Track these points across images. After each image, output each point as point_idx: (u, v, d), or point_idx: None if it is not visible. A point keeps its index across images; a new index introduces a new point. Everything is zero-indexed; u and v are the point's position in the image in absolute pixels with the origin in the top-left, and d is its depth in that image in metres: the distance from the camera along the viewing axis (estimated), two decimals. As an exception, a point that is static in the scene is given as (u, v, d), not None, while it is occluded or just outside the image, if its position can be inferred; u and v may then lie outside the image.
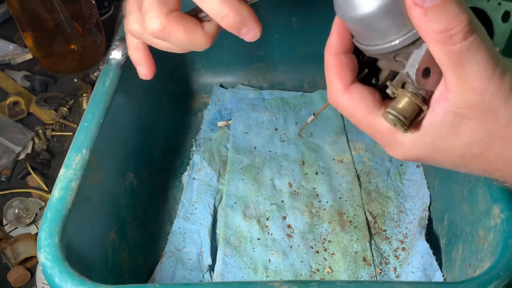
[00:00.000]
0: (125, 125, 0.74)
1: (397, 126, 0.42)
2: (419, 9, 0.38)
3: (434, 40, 0.38)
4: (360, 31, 0.44)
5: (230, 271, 0.71)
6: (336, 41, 0.47)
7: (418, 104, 0.42)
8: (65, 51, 1.11)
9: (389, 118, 0.42)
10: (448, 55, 0.38)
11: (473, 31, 0.38)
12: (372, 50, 0.44)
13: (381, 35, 0.43)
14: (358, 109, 0.45)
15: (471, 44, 0.38)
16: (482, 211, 0.59)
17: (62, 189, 0.56)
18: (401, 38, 0.42)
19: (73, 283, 0.48)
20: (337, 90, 0.46)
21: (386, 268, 0.72)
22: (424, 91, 0.42)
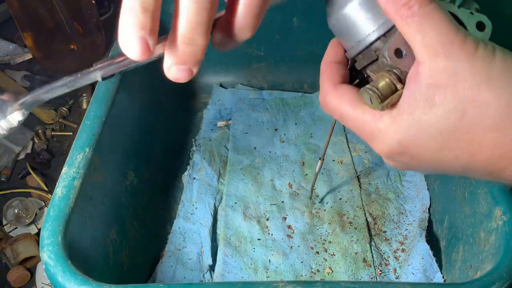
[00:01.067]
0: (126, 125, 0.74)
1: (373, 101, 0.44)
2: None
3: (399, 16, 0.42)
4: (343, 34, 0.48)
5: (230, 271, 0.71)
6: (330, 52, 0.50)
7: (393, 81, 0.44)
8: (65, 51, 1.11)
9: (364, 94, 0.44)
10: (411, 26, 0.42)
11: (431, 2, 0.41)
12: (356, 49, 0.48)
13: (358, 33, 0.47)
14: (343, 104, 0.47)
15: (429, 12, 0.41)
16: (484, 213, 0.59)
17: (65, 187, 0.56)
18: (376, 29, 0.46)
19: (76, 282, 0.48)
20: (325, 90, 0.48)
21: (386, 269, 0.73)
22: (399, 71, 0.44)
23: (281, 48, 1.01)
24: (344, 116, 0.47)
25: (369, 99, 0.44)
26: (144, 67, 0.84)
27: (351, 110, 0.46)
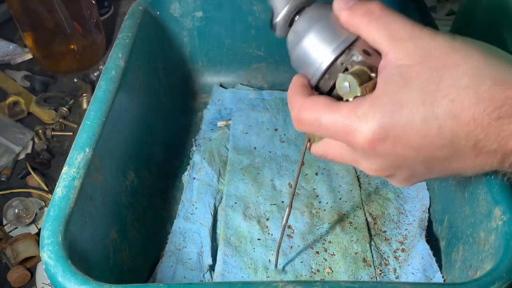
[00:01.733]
0: (126, 125, 0.75)
1: (352, 85, 0.46)
2: (345, 10, 0.49)
3: (362, 23, 0.47)
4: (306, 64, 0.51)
5: (230, 271, 0.71)
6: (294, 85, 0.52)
7: (365, 69, 0.47)
8: (65, 51, 1.11)
9: (341, 80, 0.47)
10: (373, 25, 0.47)
11: (386, 7, 0.48)
12: (321, 68, 0.50)
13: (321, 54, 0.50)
14: (318, 110, 0.48)
15: (388, 11, 0.47)
16: (483, 213, 0.59)
17: (65, 187, 0.56)
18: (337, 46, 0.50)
19: (76, 282, 0.48)
20: (298, 106, 0.50)
21: (386, 269, 0.73)
22: (368, 64, 0.47)
23: (281, 48, 1.00)
24: (321, 121, 0.48)
25: (347, 85, 0.46)
26: (144, 67, 0.84)
27: (327, 113, 0.48)
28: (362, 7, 0.48)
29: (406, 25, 0.46)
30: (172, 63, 0.99)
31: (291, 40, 0.53)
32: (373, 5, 0.48)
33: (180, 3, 0.96)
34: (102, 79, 0.72)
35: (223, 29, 1.00)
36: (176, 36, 0.99)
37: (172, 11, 0.96)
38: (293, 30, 0.53)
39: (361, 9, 0.48)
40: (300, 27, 0.52)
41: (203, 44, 1.02)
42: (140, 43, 0.83)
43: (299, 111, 0.50)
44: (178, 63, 1.02)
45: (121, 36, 0.81)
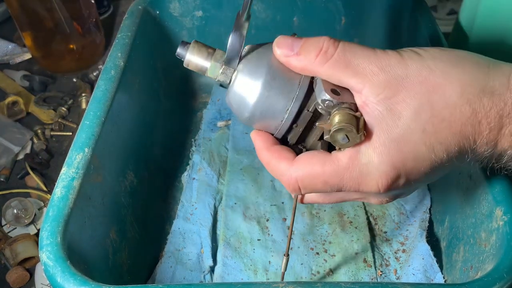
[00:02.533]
0: (125, 125, 0.74)
1: (350, 136, 0.43)
2: (294, 57, 0.46)
3: (318, 64, 0.45)
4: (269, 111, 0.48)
5: (230, 273, 0.71)
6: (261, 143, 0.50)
7: (350, 113, 0.44)
8: (64, 50, 1.11)
9: (338, 137, 0.44)
10: (335, 66, 0.44)
11: (338, 40, 0.45)
12: (289, 119, 0.48)
13: (283, 100, 0.47)
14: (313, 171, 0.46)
15: (344, 47, 0.44)
16: (484, 213, 0.59)
17: (64, 187, 0.56)
18: (298, 88, 0.47)
19: (75, 283, 0.47)
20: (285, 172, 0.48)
21: (386, 270, 0.72)
22: (346, 104, 0.45)
23: (281, 48, 1.01)
24: (326, 182, 0.46)
25: (344, 137, 0.43)
26: (144, 66, 0.84)
27: (328, 172, 0.45)
28: (311, 49, 0.45)
29: (370, 56, 0.44)
30: (171, 63, 0.99)
31: (238, 97, 0.49)
32: (323, 43, 0.45)
33: (180, 3, 0.95)
34: (101, 78, 0.72)
35: (223, 28, 0.99)
36: (176, 36, 0.99)
37: (172, 11, 0.96)
38: (237, 86, 0.49)
39: (312, 52, 0.45)
40: (245, 82, 0.48)
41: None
42: (140, 42, 0.83)
43: (292, 179, 0.47)
44: (178, 63, 1.01)
45: (121, 35, 0.81)
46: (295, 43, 0.46)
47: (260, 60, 0.48)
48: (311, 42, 0.45)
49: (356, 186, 0.46)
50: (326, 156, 0.46)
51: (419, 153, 0.43)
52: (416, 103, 0.42)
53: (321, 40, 0.45)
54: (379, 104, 0.43)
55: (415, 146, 0.43)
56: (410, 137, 0.43)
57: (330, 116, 0.45)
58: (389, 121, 0.43)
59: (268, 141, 0.50)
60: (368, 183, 0.45)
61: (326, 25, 1.00)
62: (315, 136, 0.49)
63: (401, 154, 0.43)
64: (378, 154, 0.43)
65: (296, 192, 0.48)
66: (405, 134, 0.43)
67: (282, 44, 0.47)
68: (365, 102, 0.44)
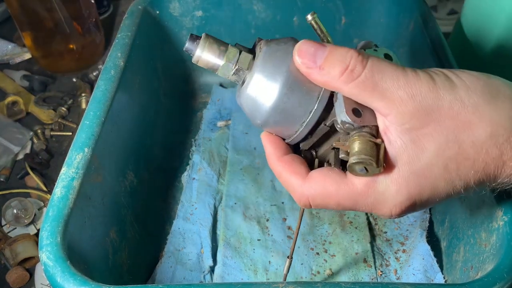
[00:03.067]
0: (125, 125, 0.74)
1: (369, 169, 0.41)
2: (316, 70, 0.42)
3: (343, 83, 0.41)
4: (284, 120, 0.46)
5: (230, 273, 0.71)
6: (272, 150, 0.48)
7: (371, 140, 0.42)
8: (64, 50, 1.11)
9: (356, 168, 0.42)
10: (362, 87, 0.41)
11: (367, 57, 0.41)
12: (304, 131, 0.46)
13: (300, 112, 0.45)
14: (326, 191, 0.45)
15: (372, 67, 0.41)
16: (484, 214, 0.59)
17: (64, 187, 0.56)
18: (317, 102, 0.45)
19: (75, 283, 0.47)
20: (297, 187, 0.46)
21: (386, 270, 0.72)
22: (367, 128, 0.43)
23: (281, 48, 1.01)
24: (338, 203, 0.45)
25: (363, 169, 0.42)
26: (144, 66, 0.84)
27: (341, 195, 0.44)
28: (336, 64, 0.41)
29: (399, 79, 0.40)
30: (171, 62, 0.99)
31: (251, 101, 0.46)
32: (350, 59, 0.41)
33: (180, 2, 0.95)
34: (101, 78, 0.71)
35: (222, 28, 0.99)
36: (176, 36, 0.99)
37: (172, 11, 0.96)
38: (251, 90, 0.46)
39: (337, 68, 0.41)
40: (260, 87, 0.45)
41: (203, 44, 1.01)
42: (140, 42, 0.83)
43: (304, 196, 0.46)
44: (178, 63, 1.02)
45: (120, 35, 0.81)
46: (319, 53, 0.42)
47: (278, 66, 0.45)
48: (337, 56, 0.41)
49: (368, 209, 0.45)
50: (341, 178, 0.44)
51: (437, 187, 0.42)
52: (442, 139, 0.41)
53: (348, 56, 0.41)
54: (403, 134, 0.41)
55: (435, 180, 0.42)
56: (431, 173, 0.41)
57: (349, 139, 0.43)
58: (412, 153, 0.41)
59: (279, 149, 0.48)
60: (382, 209, 0.44)
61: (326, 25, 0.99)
62: (329, 145, 0.48)
63: (419, 187, 0.42)
64: (396, 185, 0.42)
65: (307, 207, 0.47)
66: (426, 169, 0.41)
67: (304, 53, 0.43)
68: (389, 128, 0.42)
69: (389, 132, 0.42)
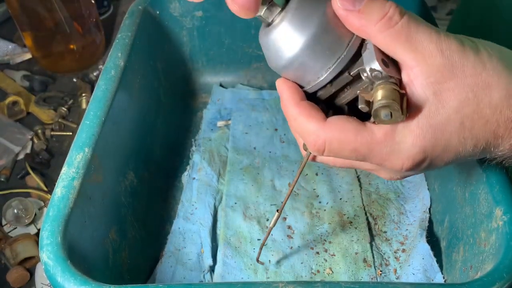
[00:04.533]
0: (125, 124, 0.74)
1: (394, 114, 0.42)
2: (354, 13, 0.42)
3: (379, 31, 0.42)
4: (311, 63, 0.45)
5: (230, 272, 0.71)
6: (289, 93, 0.48)
7: (395, 88, 0.43)
8: (64, 50, 1.11)
9: (382, 112, 0.42)
10: (396, 36, 0.42)
11: (404, 10, 0.43)
12: (326, 78, 0.46)
13: (328, 57, 0.45)
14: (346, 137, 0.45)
15: (409, 19, 0.42)
16: (484, 213, 0.59)
17: (64, 187, 0.56)
18: (347, 48, 0.45)
19: (76, 283, 0.48)
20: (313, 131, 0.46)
21: (386, 269, 0.72)
22: (392, 79, 0.43)
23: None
24: (355, 149, 0.45)
25: (387, 114, 0.42)
26: (144, 66, 0.84)
27: (359, 141, 0.45)
28: (376, 10, 0.42)
29: (432, 35, 0.42)
30: (172, 62, 0.99)
31: (279, 42, 0.45)
32: (390, 8, 0.42)
33: (180, 3, 0.95)
34: (102, 78, 0.72)
35: (223, 28, 0.99)
36: (176, 36, 0.99)
37: (172, 11, 0.96)
38: (281, 30, 0.45)
39: (376, 14, 0.42)
40: (292, 28, 0.44)
41: (203, 44, 1.01)
42: (140, 42, 0.83)
43: (320, 139, 0.45)
44: (178, 63, 1.02)
45: (121, 35, 0.81)
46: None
47: (314, 8, 0.44)
48: (377, 3, 0.42)
49: (381, 161, 0.46)
50: (361, 126, 0.45)
51: (450, 144, 0.44)
52: (463, 96, 0.42)
53: (388, 4, 0.42)
54: (427, 87, 0.43)
55: (449, 136, 0.43)
56: (447, 127, 0.43)
57: (374, 87, 0.43)
58: (433, 107, 0.43)
59: (296, 95, 0.48)
60: (394, 161, 0.45)
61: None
62: (345, 99, 0.47)
63: (434, 141, 0.44)
64: (413, 137, 0.43)
65: (319, 153, 0.46)
66: (444, 124, 0.43)
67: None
68: (413, 81, 0.43)
69: (413, 85, 0.43)
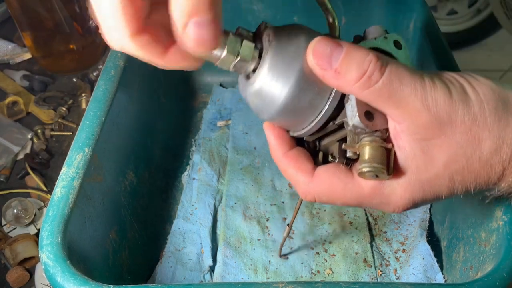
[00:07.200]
0: (125, 125, 0.74)
1: (379, 175, 0.42)
2: (330, 73, 0.40)
3: (358, 88, 0.40)
4: (292, 119, 0.45)
5: (230, 272, 0.71)
6: (277, 145, 0.47)
7: (381, 146, 0.42)
8: (64, 50, 1.11)
9: (366, 174, 0.42)
10: (377, 94, 0.40)
11: (385, 63, 0.40)
12: (314, 128, 0.45)
13: (310, 111, 0.44)
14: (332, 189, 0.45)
15: (390, 74, 0.39)
16: (484, 213, 0.59)
17: (64, 187, 0.56)
18: (327, 103, 0.43)
19: (75, 283, 0.47)
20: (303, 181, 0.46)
21: (386, 269, 0.72)
22: (378, 133, 0.42)
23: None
24: (343, 201, 0.45)
25: (374, 176, 0.42)
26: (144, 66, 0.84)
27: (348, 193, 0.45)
28: (354, 68, 0.39)
29: (416, 89, 0.40)
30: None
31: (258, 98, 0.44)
32: (370, 64, 0.39)
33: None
34: (101, 78, 0.71)
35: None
36: (176, 36, 0.99)
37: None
38: (259, 85, 0.43)
39: (354, 73, 0.39)
40: (269, 84, 0.42)
41: (203, 44, 1.01)
42: (140, 42, 0.83)
43: (310, 194, 0.46)
44: (178, 63, 1.02)
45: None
46: (335, 54, 0.40)
47: (290, 64, 0.42)
48: (354, 59, 0.40)
49: (372, 207, 0.46)
50: (348, 178, 0.44)
51: (440, 194, 0.43)
52: (451, 152, 0.41)
53: (367, 61, 0.39)
54: (414, 143, 0.41)
55: (439, 188, 0.43)
56: (436, 182, 0.42)
57: (360, 143, 0.43)
58: (420, 163, 0.42)
59: (284, 143, 0.47)
60: (385, 208, 0.45)
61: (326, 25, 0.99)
62: (334, 138, 0.47)
63: (423, 194, 0.43)
64: (402, 190, 0.43)
65: (311, 202, 0.48)
66: (433, 179, 0.42)
67: (319, 54, 0.40)
68: (400, 134, 0.42)
69: (400, 139, 0.42)
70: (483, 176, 0.42)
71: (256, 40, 0.43)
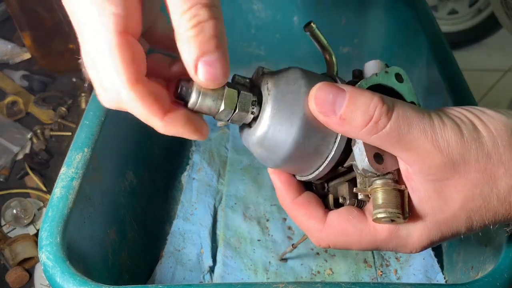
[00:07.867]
0: (125, 125, 0.74)
1: (396, 220, 0.41)
2: (335, 120, 0.39)
3: (365, 134, 0.39)
4: (298, 166, 0.44)
5: (230, 273, 0.71)
6: (284, 188, 0.47)
7: (394, 188, 0.41)
8: (64, 50, 1.11)
9: (382, 220, 0.41)
10: (386, 138, 0.39)
11: (391, 106, 0.38)
12: (318, 174, 0.44)
13: (316, 157, 0.43)
14: (348, 235, 0.44)
15: (398, 118, 0.38)
16: (485, 213, 0.59)
17: (64, 187, 0.56)
18: (334, 148, 0.42)
19: (74, 283, 0.47)
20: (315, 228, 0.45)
21: (387, 270, 0.72)
22: (390, 175, 0.41)
23: (282, 47, 1.01)
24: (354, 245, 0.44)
25: (390, 221, 0.41)
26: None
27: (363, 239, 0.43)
28: (358, 114, 0.38)
29: (426, 130, 0.38)
30: (171, 62, 0.99)
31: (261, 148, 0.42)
32: (374, 110, 0.38)
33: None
34: (101, 78, 0.71)
35: (224, 28, 0.99)
36: (176, 36, 0.99)
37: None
38: (261, 134, 0.42)
39: (360, 120, 0.38)
40: (272, 133, 0.41)
41: (203, 44, 1.01)
42: (139, 42, 0.83)
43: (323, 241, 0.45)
44: (178, 63, 1.01)
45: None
46: (338, 100, 0.39)
47: (291, 112, 0.41)
48: (359, 105, 0.38)
49: (389, 250, 0.45)
50: (362, 224, 0.43)
51: (458, 232, 0.42)
52: (467, 192, 0.40)
53: (372, 106, 0.38)
54: (428, 184, 0.40)
55: (456, 228, 0.42)
56: (454, 222, 0.41)
57: (371, 186, 0.42)
58: (435, 204, 0.41)
59: (291, 189, 0.46)
60: (402, 249, 0.44)
61: (326, 25, 0.99)
62: (342, 178, 0.46)
63: (440, 235, 0.42)
64: (419, 233, 0.42)
65: (325, 248, 0.46)
66: (450, 219, 0.41)
67: (321, 102, 0.39)
68: (412, 176, 0.41)
69: (412, 180, 0.41)
70: (502, 214, 0.41)
71: (253, 88, 0.43)
